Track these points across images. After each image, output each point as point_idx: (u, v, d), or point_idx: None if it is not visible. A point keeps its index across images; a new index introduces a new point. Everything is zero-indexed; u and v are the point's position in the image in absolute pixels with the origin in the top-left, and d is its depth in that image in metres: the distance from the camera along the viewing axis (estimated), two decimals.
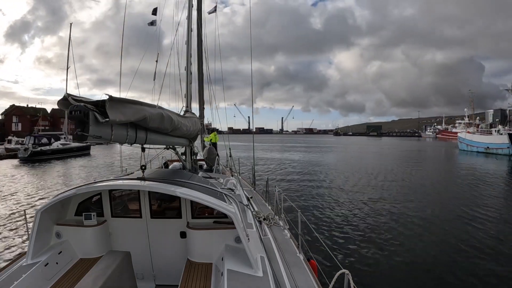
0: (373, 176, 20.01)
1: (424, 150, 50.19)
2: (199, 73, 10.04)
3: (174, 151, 5.71)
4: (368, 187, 16.20)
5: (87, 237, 3.83)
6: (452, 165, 29.37)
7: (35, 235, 3.45)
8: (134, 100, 2.98)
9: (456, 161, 33.15)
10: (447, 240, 8.39)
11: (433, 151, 50.11)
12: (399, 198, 13.47)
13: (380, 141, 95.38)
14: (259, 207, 6.56)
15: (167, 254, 4.01)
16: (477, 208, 11.61)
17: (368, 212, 11.24)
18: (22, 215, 9.98)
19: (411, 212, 11.15)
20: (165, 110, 3.77)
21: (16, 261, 3.58)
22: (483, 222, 9.90)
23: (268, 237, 4.70)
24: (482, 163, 29.01)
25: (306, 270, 3.84)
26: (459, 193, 14.86)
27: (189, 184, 3.86)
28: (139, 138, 3.24)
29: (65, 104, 2.45)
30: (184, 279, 3.25)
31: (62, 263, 3.54)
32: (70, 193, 3.59)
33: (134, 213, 4.07)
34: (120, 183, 3.76)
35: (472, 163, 29.29)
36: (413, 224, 9.72)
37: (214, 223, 3.88)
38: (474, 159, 32.97)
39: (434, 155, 41.72)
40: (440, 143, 78.21)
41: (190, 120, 5.11)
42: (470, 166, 26.34)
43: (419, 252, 7.57)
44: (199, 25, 9.01)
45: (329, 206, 12.08)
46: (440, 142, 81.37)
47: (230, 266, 3.10)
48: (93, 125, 2.38)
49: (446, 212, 11.25)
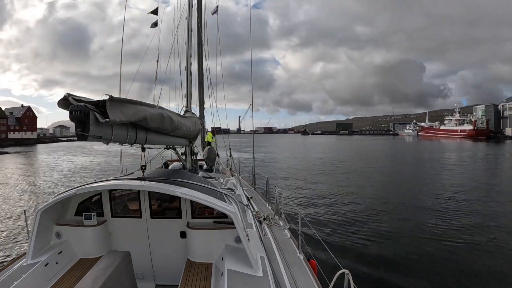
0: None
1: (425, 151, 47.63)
2: (199, 73, 10.04)
3: (174, 151, 5.70)
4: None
5: (87, 237, 3.83)
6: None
7: (35, 235, 3.45)
8: (134, 100, 2.98)
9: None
10: (449, 240, 8.39)
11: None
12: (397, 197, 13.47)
13: (350, 141, 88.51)
14: (259, 207, 6.56)
15: (167, 254, 4.00)
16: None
17: (369, 212, 11.24)
18: (22, 215, 9.97)
19: (412, 212, 11.15)
20: (165, 110, 3.77)
21: (16, 261, 3.58)
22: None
23: (268, 237, 4.69)
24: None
25: (306, 270, 3.83)
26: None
27: (189, 184, 3.85)
28: (139, 138, 3.24)
29: (65, 104, 2.45)
30: (184, 279, 3.24)
31: (62, 263, 3.54)
32: (70, 193, 3.58)
33: (134, 213, 4.07)
34: (120, 183, 3.76)
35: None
36: (414, 224, 9.73)
37: (214, 223, 3.88)
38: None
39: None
40: (427, 143, 70.80)
41: (190, 120, 5.11)
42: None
43: (420, 252, 7.57)
44: (199, 25, 9.01)
45: (329, 205, 12.08)
46: (426, 142, 73.26)
47: (230, 266, 3.10)
48: (94, 125, 2.37)
49: (457, 216, 11.25)
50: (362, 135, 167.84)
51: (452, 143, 65.56)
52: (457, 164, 27.54)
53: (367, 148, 55.21)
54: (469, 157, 35.39)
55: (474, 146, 56.81)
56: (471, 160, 31.69)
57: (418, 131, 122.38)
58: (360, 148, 53.84)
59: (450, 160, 30.92)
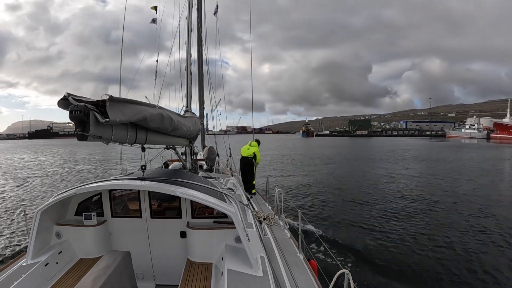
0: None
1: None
2: (199, 73, 10.05)
3: (174, 151, 5.71)
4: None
5: (87, 237, 3.83)
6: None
7: (35, 235, 3.45)
8: (134, 100, 2.98)
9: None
10: (451, 240, 8.40)
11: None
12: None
13: (379, 147, 52.25)
14: (259, 207, 6.57)
15: (167, 254, 4.01)
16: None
17: (370, 212, 11.24)
18: (22, 214, 9.98)
19: (413, 212, 11.15)
20: (165, 110, 3.77)
21: (16, 261, 3.58)
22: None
23: (268, 237, 4.70)
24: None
25: (306, 270, 3.84)
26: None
27: (189, 184, 3.86)
28: (139, 138, 3.24)
29: (65, 104, 2.45)
30: (184, 279, 3.25)
31: (62, 263, 3.54)
32: (70, 193, 3.59)
33: (134, 213, 4.07)
34: (120, 183, 3.76)
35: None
36: (415, 224, 9.72)
37: (214, 223, 3.88)
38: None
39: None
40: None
41: (190, 120, 5.11)
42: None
43: (420, 252, 7.57)
44: (199, 25, 9.01)
45: (329, 207, 12.09)
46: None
47: (230, 266, 3.10)
48: (93, 125, 2.37)
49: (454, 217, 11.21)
50: (386, 136, 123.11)
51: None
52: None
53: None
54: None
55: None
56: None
57: (489, 131, 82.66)
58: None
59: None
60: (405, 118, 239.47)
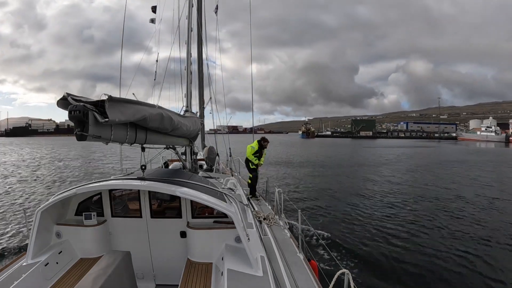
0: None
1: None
2: (199, 72, 10.05)
3: (174, 151, 5.70)
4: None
5: (87, 237, 3.83)
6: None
7: (35, 234, 3.45)
8: (133, 100, 2.98)
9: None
10: (452, 240, 8.38)
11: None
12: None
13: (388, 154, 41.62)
14: (259, 207, 6.56)
15: (167, 253, 4.01)
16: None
17: (371, 213, 11.23)
18: (22, 214, 9.97)
19: (413, 212, 11.14)
20: (165, 110, 3.76)
21: (16, 261, 3.58)
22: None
23: (268, 237, 4.70)
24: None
25: (306, 270, 3.84)
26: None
27: (189, 184, 3.85)
28: (139, 138, 3.23)
29: (64, 103, 2.44)
30: (184, 278, 3.24)
31: (62, 263, 3.54)
32: (70, 192, 3.59)
33: (134, 212, 4.07)
34: (120, 182, 3.76)
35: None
36: (415, 224, 9.71)
37: (214, 223, 3.88)
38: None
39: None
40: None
41: (190, 120, 5.10)
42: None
43: (420, 252, 7.56)
44: (199, 25, 9.00)
45: (330, 207, 12.08)
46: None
47: (230, 265, 3.10)
48: (93, 125, 2.36)
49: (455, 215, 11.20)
50: (394, 138, 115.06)
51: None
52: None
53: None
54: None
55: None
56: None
57: (509, 134, 75.74)
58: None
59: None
60: (396, 120, 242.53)
